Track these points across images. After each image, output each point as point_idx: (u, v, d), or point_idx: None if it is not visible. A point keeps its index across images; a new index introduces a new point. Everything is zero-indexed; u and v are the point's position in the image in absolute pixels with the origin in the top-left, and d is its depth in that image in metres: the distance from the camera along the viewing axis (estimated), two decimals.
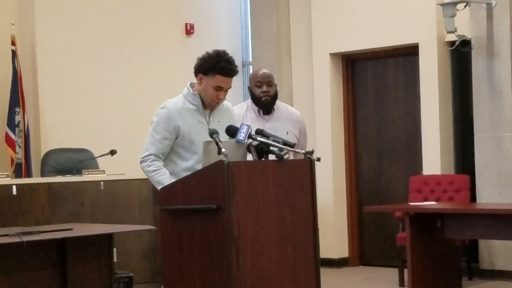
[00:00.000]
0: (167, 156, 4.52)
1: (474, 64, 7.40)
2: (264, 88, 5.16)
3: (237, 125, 4.51)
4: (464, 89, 7.79)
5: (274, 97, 5.20)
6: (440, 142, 7.67)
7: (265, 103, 5.16)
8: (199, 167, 4.32)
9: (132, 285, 6.22)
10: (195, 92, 4.50)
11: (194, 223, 4.05)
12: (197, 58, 4.49)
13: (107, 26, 8.27)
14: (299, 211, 4.18)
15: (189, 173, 4.33)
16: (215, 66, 4.40)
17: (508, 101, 7.19)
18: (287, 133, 5.13)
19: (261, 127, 5.00)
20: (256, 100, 5.19)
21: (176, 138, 4.47)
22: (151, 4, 8.64)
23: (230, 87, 4.50)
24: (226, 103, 4.64)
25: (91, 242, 4.70)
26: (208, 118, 4.52)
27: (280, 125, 5.16)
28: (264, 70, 5.31)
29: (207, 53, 4.47)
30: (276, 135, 4.68)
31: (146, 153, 4.47)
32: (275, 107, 5.22)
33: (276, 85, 5.25)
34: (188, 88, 4.55)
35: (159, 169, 4.44)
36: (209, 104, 4.51)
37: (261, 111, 5.19)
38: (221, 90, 4.45)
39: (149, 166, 4.45)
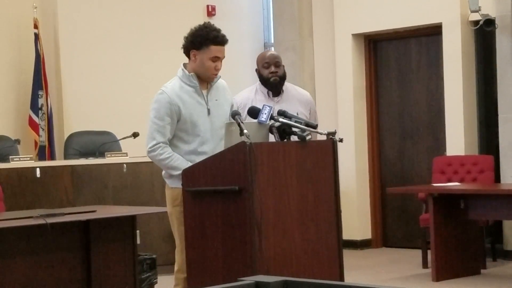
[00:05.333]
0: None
1: (498, 44, 7.32)
2: (272, 68, 5.09)
3: (235, 107, 4.52)
4: (488, 69, 7.72)
5: (283, 78, 5.13)
6: (463, 123, 7.61)
7: (274, 83, 5.09)
8: (202, 149, 4.33)
9: (156, 266, 6.23)
10: (191, 73, 4.47)
11: (216, 205, 4.06)
12: (184, 38, 4.49)
13: (129, 8, 8.27)
14: (321, 192, 4.17)
15: (192, 156, 4.35)
16: (207, 37, 4.41)
17: None
18: (297, 114, 5.08)
19: None
20: (264, 81, 5.12)
21: (178, 121, 4.43)
22: None
23: (224, 57, 4.50)
24: (221, 81, 4.61)
25: (114, 224, 4.72)
26: (206, 98, 4.49)
27: (290, 106, 5.06)
28: (271, 51, 5.28)
29: (194, 28, 4.48)
30: None
31: (154, 142, 4.40)
32: (284, 88, 5.15)
33: (284, 66, 5.18)
34: (182, 69, 4.51)
35: (172, 155, 4.40)
36: (208, 78, 4.48)
37: (270, 93, 5.12)
38: (218, 60, 4.44)
39: (161, 154, 4.39)
